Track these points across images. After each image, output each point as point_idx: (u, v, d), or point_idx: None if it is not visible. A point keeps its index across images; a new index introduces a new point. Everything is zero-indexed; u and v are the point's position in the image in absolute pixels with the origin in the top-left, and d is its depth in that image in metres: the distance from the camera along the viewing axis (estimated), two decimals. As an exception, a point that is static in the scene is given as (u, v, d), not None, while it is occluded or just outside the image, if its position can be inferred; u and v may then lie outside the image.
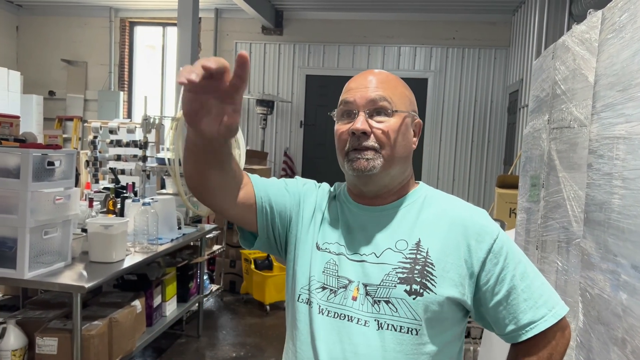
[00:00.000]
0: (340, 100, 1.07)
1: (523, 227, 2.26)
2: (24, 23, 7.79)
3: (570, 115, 1.67)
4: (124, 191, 3.32)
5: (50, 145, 2.42)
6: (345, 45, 7.09)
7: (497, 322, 1.02)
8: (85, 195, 3.27)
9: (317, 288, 1.04)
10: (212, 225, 3.95)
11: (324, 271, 1.04)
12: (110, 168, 3.85)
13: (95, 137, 3.88)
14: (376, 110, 1.02)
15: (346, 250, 1.05)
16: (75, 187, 2.54)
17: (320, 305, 1.02)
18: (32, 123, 6.84)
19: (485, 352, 2.46)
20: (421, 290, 0.97)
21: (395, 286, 0.98)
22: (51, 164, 2.32)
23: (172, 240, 3.15)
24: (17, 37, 7.81)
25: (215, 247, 4.37)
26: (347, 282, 1.02)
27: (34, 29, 7.76)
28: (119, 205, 3.14)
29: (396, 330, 0.97)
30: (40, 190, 2.27)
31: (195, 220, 3.78)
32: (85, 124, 4.43)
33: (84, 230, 2.73)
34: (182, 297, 3.50)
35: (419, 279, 0.98)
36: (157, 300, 3.09)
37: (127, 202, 3.04)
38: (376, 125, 1.02)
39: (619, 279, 1.22)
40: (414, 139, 1.09)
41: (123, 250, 2.64)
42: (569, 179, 1.64)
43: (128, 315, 2.58)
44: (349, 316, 1.00)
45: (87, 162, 3.88)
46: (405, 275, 0.98)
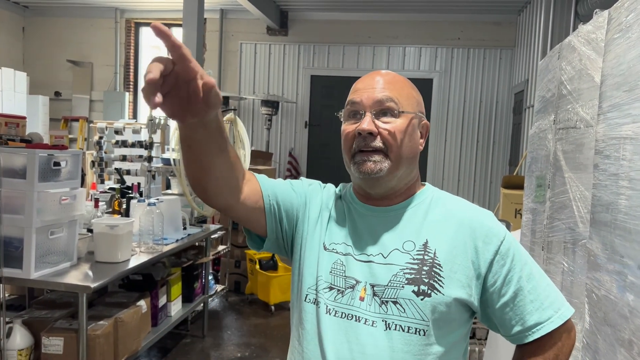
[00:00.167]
0: (347, 100, 1.07)
1: (529, 227, 2.25)
2: (30, 24, 7.83)
3: (576, 115, 1.66)
4: (130, 191, 3.33)
5: (57, 146, 2.43)
6: (350, 45, 7.09)
7: (504, 323, 1.02)
8: (91, 195, 3.28)
9: (325, 288, 1.04)
10: (217, 226, 3.95)
11: (331, 271, 1.04)
12: (115, 168, 3.86)
13: (100, 138, 3.88)
14: (383, 111, 1.02)
15: (353, 251, 1.05)
16: (81, 187, 2.55)
17: (327, 306, 1.02)
18: (38, 123, 6.87)
19: (490, 353, 2.46)
20: (429, 291, 0.97)
21: (403, 287, 0.98)
22: (57, 164, 2.33)
23: (177, 240, 3.16)
24: (23, 38, 7.85)
25: (220, 247, 4.38)
26: (355, 283, 1.02)
27: (40, 30, 7.80)
28: (124, 206, 3.16)
29: (404, 331, 0.97)
30: (46, 190, 2.28)
31: (201, 221, 3.78)
32: (91, 125, 4.45)
33: (90, 231, 2.74)
34: (187, 297, 3.51)
35: (426, 280, 0.98)
36: (162, 300, 3.09)
37: (133, 202, 3.05)
38: (382, 125, 1.02)
39: (626, 280, 1.22)
40: (421, 140, 1.09)
41: (128, 251, 2.65)
42: (575, 180, 1.63)
43: (133, 315, 2.59)
44: (356, 316, 1.00)
45: (93, 162, 3.88)
46: (413, 276, 0.99)
